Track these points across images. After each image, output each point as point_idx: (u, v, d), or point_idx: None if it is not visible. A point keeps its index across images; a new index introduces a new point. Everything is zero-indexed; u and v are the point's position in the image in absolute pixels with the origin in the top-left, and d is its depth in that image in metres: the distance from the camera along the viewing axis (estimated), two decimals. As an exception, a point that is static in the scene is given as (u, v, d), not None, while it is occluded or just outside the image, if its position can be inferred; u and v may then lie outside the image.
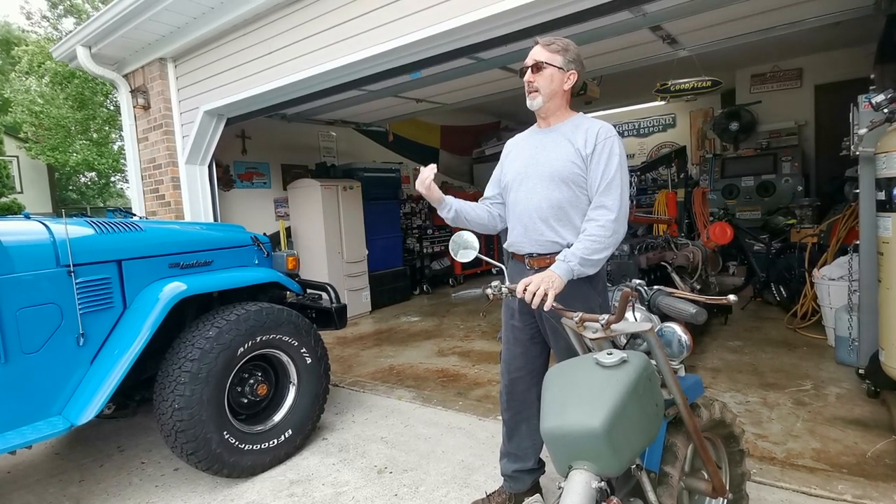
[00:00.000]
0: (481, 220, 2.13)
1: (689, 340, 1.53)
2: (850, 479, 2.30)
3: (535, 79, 1.93)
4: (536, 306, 1.67)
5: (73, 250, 2.30)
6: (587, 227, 1.85)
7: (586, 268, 1.79)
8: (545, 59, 1.93)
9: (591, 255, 1.79)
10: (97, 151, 16.34)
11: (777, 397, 3.25)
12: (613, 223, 1.82)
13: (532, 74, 1.94)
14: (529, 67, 1.94)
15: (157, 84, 4.91)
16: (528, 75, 1.95)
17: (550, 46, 1.95)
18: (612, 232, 1.82)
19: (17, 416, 2.16)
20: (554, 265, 1.78)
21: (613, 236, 1.83)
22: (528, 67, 1.95)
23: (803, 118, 7.07)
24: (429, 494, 2.43)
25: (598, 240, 1.80)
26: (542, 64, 1.92)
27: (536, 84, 1.93)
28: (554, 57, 1.93)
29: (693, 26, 3.86)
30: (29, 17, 19.80)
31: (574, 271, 1.77)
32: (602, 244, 1.81)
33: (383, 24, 3.31)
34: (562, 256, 1.80)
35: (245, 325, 2.61)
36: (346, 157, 7.50)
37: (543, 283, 1.66)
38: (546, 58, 1.93)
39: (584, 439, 1.23)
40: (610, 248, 1.84)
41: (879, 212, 2.83)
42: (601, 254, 1.81)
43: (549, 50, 1.94)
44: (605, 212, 1.84)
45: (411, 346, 5.04)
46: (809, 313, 4.60)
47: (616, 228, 1.83)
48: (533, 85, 1.94)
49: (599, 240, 1.80)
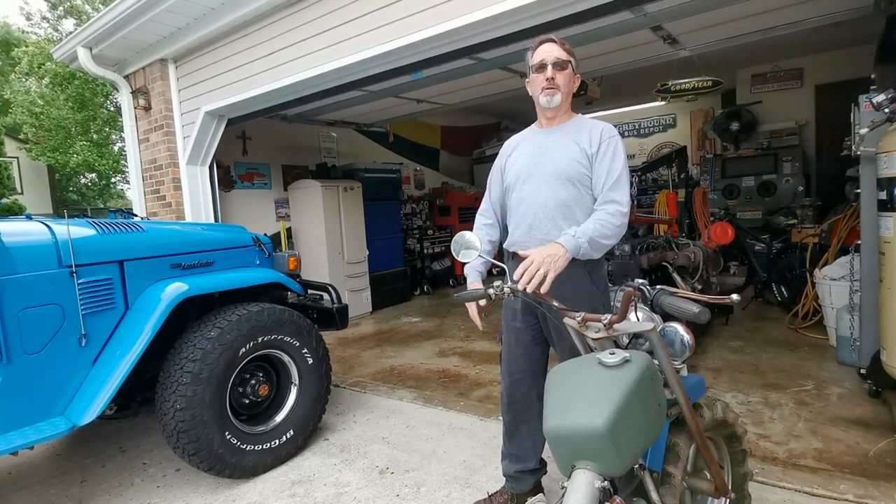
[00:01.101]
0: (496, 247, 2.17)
1: (692, 340, 1.53)
2: (852, 479, 2.30)
3: (556, 76, 1.92)
4: (533, 289, 1.58)
5: (75, 251, 2.30)
6: (598, 214, 1.85)
7: (593, 249, 1.78)
8: (566, 57, 1.93)
9: (600, 237, 1.78)
10: (97, 152, 16.34)
11: (779, 397, 3.25)
12: (623, 216, 1.84)
13: (554, 71, 1.91)
14: (550, 64, 1.91)
15: (157, 85, 4.91)
16: (549, 71, 1.92)
17: (565, 46, 1.96)
18: (621, 223, 1.84)
19: (20, 417, 2.16)
20: (561, 238, 1.73)
21: (621, 227, 1.85)
22: (549, 64, 1.92)
23: (804, 118, 7.07)
24: (430, 495, 2.43)
25: (608, 225, 1.80)
26: (564, 62, 1.92)
27: (558, 81, 1.92)
28: (570, 57, 1.95)
29: (693, 26, 3.86)
30: (29, 19, 19.91)
31: (581, 248, 1.74)
32: (611, 231, 1.81)
33: (384, 24, 3.32)
34: (570, 231, 1.76)
35: (247, 326, 2.61)
36: (347, 157, 7.51)
37: (544, 264, 1.60)
38: (566, 56, 1.93)
39: (588, 439, 1.23)
40: (616, 237, 1.85)
41: (881, 211, 2.83)
42: (609, 240, 1.82)
43: (565, 49, 1.95)
44: (616, 205, 1.85)
45: (412, 346, 5.04)
46: (811, 313, 4.60)
47: (624, 222, 1.85)
48: (555, 82, 1.92)
49: (609, 225, 1.81)
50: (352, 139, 7.63)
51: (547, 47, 1.95)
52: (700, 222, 5.70)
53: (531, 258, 1.63)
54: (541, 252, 1.65)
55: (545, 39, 1.97)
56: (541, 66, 1.93)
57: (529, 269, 1.59)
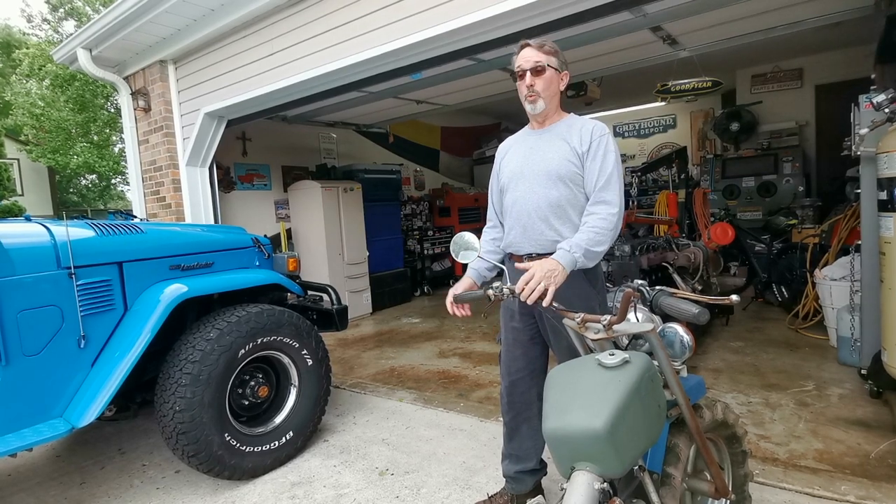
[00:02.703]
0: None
1: (692, 341, 1.52)
2: (853, 480, 2.30)
3: (535, 82, 1.89)
4: (533, 302, 1.64)
5: (74, 252, 2.30)
6: (589, 220, 1.84)
7: (588, 259, 1.78)
8: (544, 60, 1.89)
9: (594, 246, 1.78)
10: (98, 154, 16.35)
11: (779, 398, 3.24)
12: (615, 217, 1.83)
13: (532, 77, 1.88)
14: (528, 71, 1.89)
15: (157, 86, 4.92)
16: (527, 79, 1.89)
17: (544, 48, 1.91)
18: (614, 226, 1.82)
19: (18, 419, 2.16)
20: (557, 254, 1.75)
21: (614, 230, 1.83)
22: (527, 71, 1.89)
23: (804, 118, 7.06)
24: (430, 496, 2.42)
25: (600, 231, 1.80)
26: (541, 66, 1.88)
27: (537, 87, 1.89)
28: (550, 58, 1.90)
29: (693, 27, 3.86)
30: (30, 20, 19.92)
31: (577, 262, 1.75)
32: (604, 236, 1.80)
33: (384, 25, 3.31)
34: (565, 246, 1.77)
35: (246, 327, 2.61)
36: (347, 158, 7.51)
37: (545, 280, 1.64)
38: (544, 59, 1.89)
39: (587, 440, 1.22)
40: (610, 241, 1.83)
41: (881, 212, 2.82)
42: (602, 246, 1.81)
43: (543, 52, 1.90)
44: (607, 206, 1.84)
45: (412, 347, 5.04)
46: (811, 314, 4.59)
47: (616, 223, 1.83)
48: (534, 89, 1.89)
49: (602, 232, 1.80)
50: (352, 140, 7.64)
51: (524, 53, 1.92)
52: (700, 223, 5.69)
53: (532, 272, 1.66)
54: (541, 266, 1.68)
55: (524, 44, 1.93)
56: (520, 73, 1.92)
57: (531, 283, 1.64)
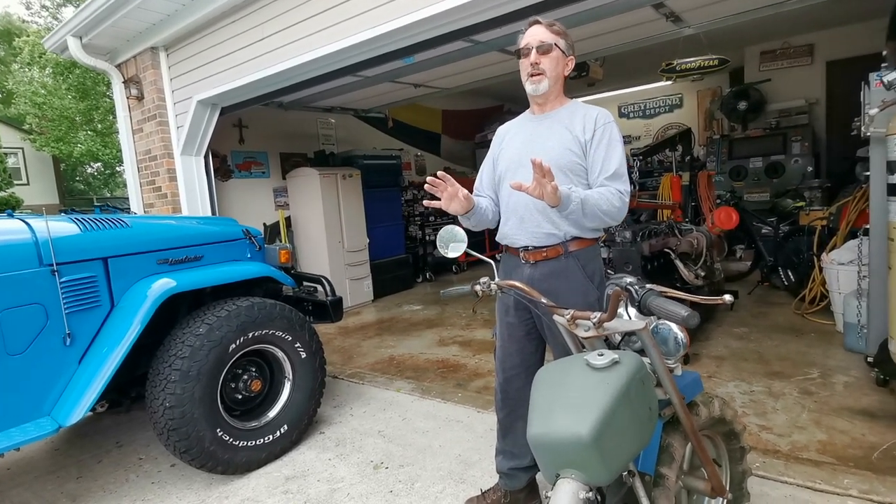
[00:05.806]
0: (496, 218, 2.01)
1: (686, 338, 1.45)
2: (856, 473, 2.23)
3: (541, 60, 1.81)
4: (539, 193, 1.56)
5: (56, 249, 2.25)
6: (601, 189, 1.74)
7: (582, 212, 1.67)
8: (551, 40, 1.82)
9: (594, 205, 1.68)
10: (101, 142, 16.35)
11: (783, 386, 3.18)
12: (623, 200, 1.75)
13: (538, 55, 1.81)
14: (534, 48, 1.81)
15: (149, 74, 4.83)
16: (532, 56, 1.81)
17: (553, 28, 1.84)
18: (621, 205, 1.74)
19: (4, 418, 2.14)
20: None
21: (619, 210, 1.74)
22: (533, 48, 1.82)
23: (814, 96, 6.87)
24: (424, 491, 2.40)
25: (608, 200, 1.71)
26: (548, 45, 1.81)
27: (543, 66, 1.81)
28: (558, 39, 1.84)
29: (698, 3, 3.70)
30: (28, 7, 19.82)
31: (571, 203, 1.62)
32: (608, 206, 1.70)
33: (375, 7, 3.20)
34: (568, 186, 1.66)
35: (236, 322, 2.57)
36: (346, 144, 7.40)
37: (539, 185, 1.55)
38: (552, 39, 1.82)
39: (571, 447, 1.17)
40: (611, 216, 1.74)
41: (891, 196, 2.72)
42: (603, 215, 1.72)
43: (552, 31, 1.83)
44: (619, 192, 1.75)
45: (413, 335, 5.00)
46: (818, 298, 4.50)
47: (623, 206, 1.75)
48: (539, 67, 1.81)
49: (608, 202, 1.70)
50: (350, 125, 7.52)
51: (532, 30, 1.85)
52: (705, 207, 5.57)
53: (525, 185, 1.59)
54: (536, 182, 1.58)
55: (532, 21, 1.87)
56: (525, 50, 1.84)
57: (532, 188, 1.57)
